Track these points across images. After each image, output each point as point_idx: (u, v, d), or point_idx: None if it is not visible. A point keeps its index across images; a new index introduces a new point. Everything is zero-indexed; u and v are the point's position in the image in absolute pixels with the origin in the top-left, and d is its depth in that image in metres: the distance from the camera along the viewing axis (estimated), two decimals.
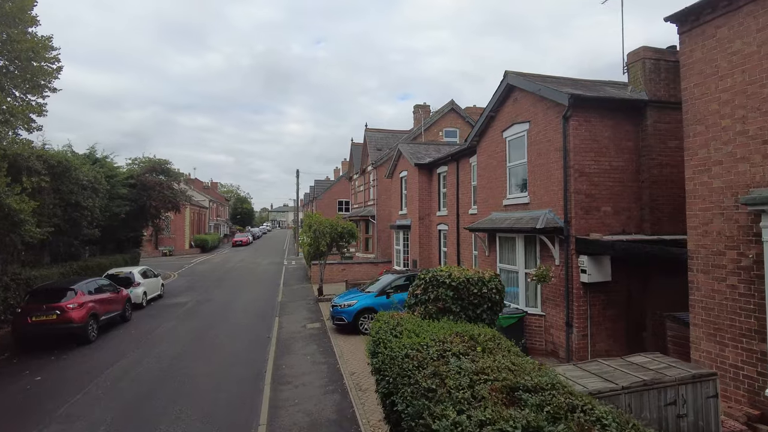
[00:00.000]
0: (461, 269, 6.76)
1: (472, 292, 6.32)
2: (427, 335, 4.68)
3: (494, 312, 6.52)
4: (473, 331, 4.81)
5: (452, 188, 17.73)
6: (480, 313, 6.28)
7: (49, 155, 17.25)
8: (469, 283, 6.33)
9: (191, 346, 12.94)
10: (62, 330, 12.62)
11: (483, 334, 4.67)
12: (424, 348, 4.34)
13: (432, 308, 6.21)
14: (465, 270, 6.74)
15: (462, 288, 6.28)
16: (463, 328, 4.94)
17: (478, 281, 6.39)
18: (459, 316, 6.15)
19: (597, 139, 10.37)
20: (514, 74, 12.30)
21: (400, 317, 5.78)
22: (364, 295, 14.21)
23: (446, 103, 28.45)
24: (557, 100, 10.41)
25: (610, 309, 10.34)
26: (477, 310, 6.31)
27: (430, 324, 5.35)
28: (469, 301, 6.29)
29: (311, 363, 11.36)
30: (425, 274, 6.81)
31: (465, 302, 6.26)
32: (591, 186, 10.27)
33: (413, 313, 6.34)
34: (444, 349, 4.23)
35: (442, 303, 6.18)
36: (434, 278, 6.49)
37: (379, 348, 4.97)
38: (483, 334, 4.70)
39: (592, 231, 10.23)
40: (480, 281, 6.40)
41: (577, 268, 10.13)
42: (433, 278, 6.50)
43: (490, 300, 6.39)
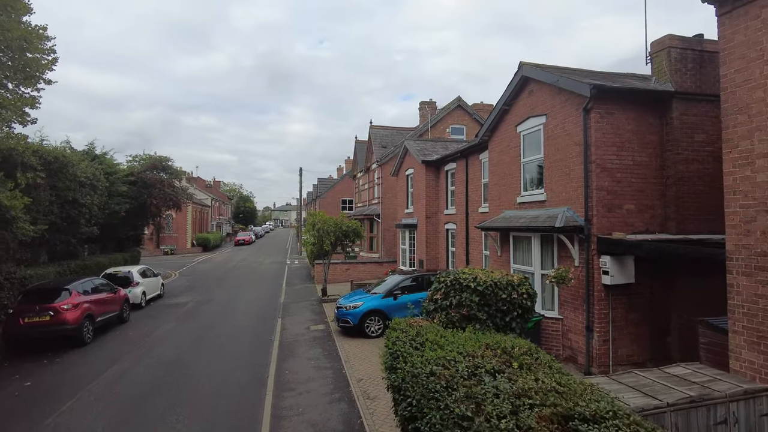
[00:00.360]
0: (486, 271, 6.16)
1: (501, 297, 5.71)
2: (453, 348, 4.11)
3: (525, 320, 5.92)
4: (505, 342, 4.23)
5: (461, 186, 17.14)
6: (509, 321, 5.68)
7: (46, 151, 16.72)
8: (497, 288, 5.72)
9: (190, 349, 12.40)
10: (56, 332, 12.10)
11: (517, 347, 4.10)
12: (451, 364, 3.77)
13: (455, 315, 5.61)
14: (490, 272, 6.14)
15: (489, 293, 5.67)
16: (493, 340, 4.37)
17: (507, 285, 5.78)
18: (485, 324, 5.55)
19: (619, 133, 9.77)
20: (530, 65, 11.71)
21: (419, 326, 5.19)
22: (370, 296, 13.65)
23: (453, 100, 27.83)
24: (577, 91, 9.82)
25: (633, 312, 9.75)
26: (506, 318, 5.70)
27: (454, 334, 4.78)
28: (497, 307, 5.69)
29: (316, 368, 10.81)
30: (445, 276, 6.19)
31: (492, 309, 5.65)
32: (613, 182, 9.67)
33: (433, 321, 5.74)
34: (475, 365, 3.67)
35: (467, 310, 5.58)
36: (456, 281, 5.88)
37: (397, 362, 4.38)
38: (517, 346, 4.13)
39: (614, 230, 9.63)
40: (509, 285, 5.80)
41: (599, 269, 9.54)
42: (455, 281, 5.89)
43: (520, 306, 5.78)
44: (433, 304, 6.02)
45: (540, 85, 11.46)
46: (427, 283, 13.99)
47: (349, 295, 14.91)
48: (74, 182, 17.74)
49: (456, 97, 27.70)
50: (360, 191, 35.45)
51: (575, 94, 10.03)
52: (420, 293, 13.62)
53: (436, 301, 5.98)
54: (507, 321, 5.69)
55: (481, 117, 27.85)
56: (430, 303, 6.10)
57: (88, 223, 19.60)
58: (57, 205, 16.96)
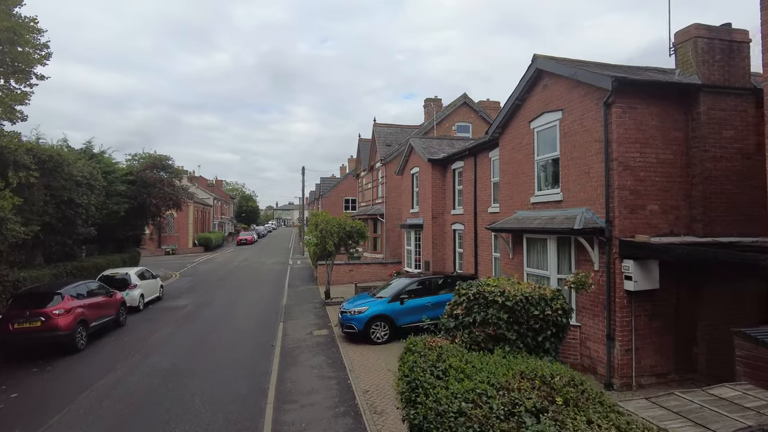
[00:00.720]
0: (512, 283, 5.54)
1: (533, 314, 5.09)
2: (483, 377, 3.54)
3: (559, 339, 5.30)
4: (542, 369, 3.65)
5: (469, 185, 16.54)
6: (542, 341, 5.07)
7: (40, 149, 16.20)
8: (529, 303, 5.10)
9: (188, 356, 11.85)
10: (47, 338, 11.56)
11: (558, 375, 3.52)
12: (483, 400, 3.20)
13: (479, 335, 5.00)
14: (519, 284, 5.52)
15: (519, 309, 5.05)
16: (528, 366, 3.78)
17: (539, 300, 5.15)
18: (515, 345, 4.94)
19: (642, 129, 9.17)
20: (545, 57, 11.11)
21: (439, 347, 4.60)
22: (375, 300, 13.07)
23: (458, 97, 27.21)
24: (598, 85, 9.21)
25: (657, 320, 9.15)
26: (538, 338, 5.08)
27: (481, 358, 4.19)
28: (529, 325, 5.07)
29: (319, 377, 10.24)
30: (467, 289, 5.57)
31: (523, 327, 5.04)
32: (636, 181, 9.07)
33: (453, 340, 5.13)
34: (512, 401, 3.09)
35: (494, 328, 4.96)
36: (480, 295, 5.24)
37: (417, 395, 3.76)
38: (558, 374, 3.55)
39: (637, 232, 9.03)
40: (542, 300, 5.18)
41: (621, 273, 8.93)
42: (479, 295, 5.26)
43: (555, 324, 5.17)
44: (454, 320, 5.37)
45: (555, 78, 10.86)
46: (435, 286, 13.42)
47: (354, 299, 14.34)
48: (70, 181, 17.22)
49: (462, 94, 27.08)
50: (363, 190, 34.87)
51: (595, 87, 9.43)
52: (428, 297, 13.05)
53: (456, 317, 5.34)
54: (539, 341, 5.06)
55: (487, 114, 27.26)
56: (449, 319, 5.44)
57: (85, 223, 19.11)
58: (52, 205, 16.45)
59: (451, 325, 5.33)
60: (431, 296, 13.11)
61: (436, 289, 13.39)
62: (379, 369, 10.53)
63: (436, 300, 13.02)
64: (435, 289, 13.36)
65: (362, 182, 35.26)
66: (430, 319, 12.83)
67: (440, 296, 13.14)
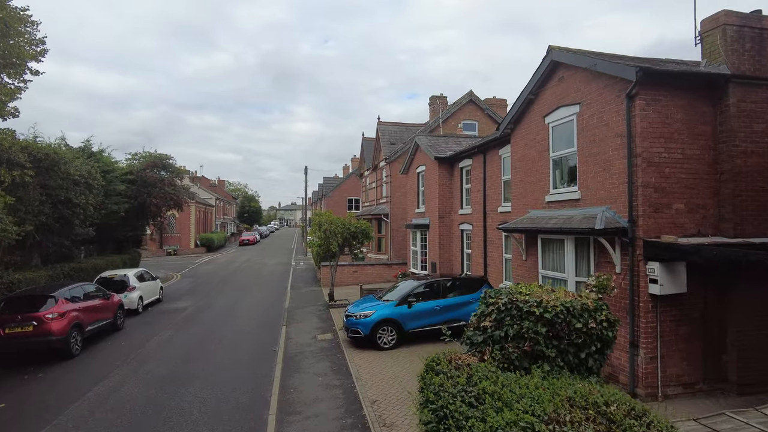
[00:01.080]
0: (547, 290, 4.98)
1: (575, 327, 4.50)
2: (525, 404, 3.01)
3: (604, 356, 4.71)
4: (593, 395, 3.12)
5: (478, 183, 16.00)
6: (585, 358, 4.49)
7: (36, 147, 15.75)
8: (570, 315, 4.52)
9: (187, 362, 11.35)
10: (40, 344, 11.07)
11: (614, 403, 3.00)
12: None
13: (513, 351, 4.43)
14: (554, 291, 4.95)
15: (560, 322, 4.47)
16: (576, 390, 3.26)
17: (582, 311, 4.59)
18: (555, 363, 4.38)
19: (667, 123, 8.61)
20: (560, 49, 10.56)
21: (467, 366, 4.06)
22: (382, 304, 12.53)
23: (464, 94, 26.66)
24: (620, 75, 8.66)
25: (684, 326, 8.58)
26: (581, 354, 4.50)
27: (519, 380, 3.65)
28: (570, 340, 4.49)
29: (324, 386, 9.71)
30: (495, 296, 4.97)
31: (564, 343, 4.45)
32: (661, 178, 8.51)
33: (482, 358, 4.54)
34: None
35: (530, 343, 4.39)
36: (513, 305, 4.64)
37: (447, 427, 3.19)
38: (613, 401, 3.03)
39: (662, 232, 8.47)
40: (585, 311, 4.61)
41: (645, 276, 8.38)
42: (511, 305, 4.65)
43: (599, 338, 4.59)
44: (481, 333, 4.76)
45: (572, 71, 10.31)
46: (444, 289, 12.87)
47: (359, 302, 13.81)
48: (67, 180, 16.76)
49: (468, 92, 26.54)
50: (367, 190, 34.34)
51: (616, 79, 8.89)
52: (437, 300, 12.51)
53: (484, 330, 4.73)
54: (582, 358, 4.47)
55: (494, 112, 26.72)
56: (476, 332, 4.83)
57: (83, 223, 18.66)
58: (48, 204, 15.99)
59: (479, 339, 4.72)
60: (440, 299, 12.57)
61: (445, 292, 12.85)
62: (387, 377, 10.00)
63: (446, 303, 12.49)
64: (444, 292, 12.82)
65: (366, 182, 34.73)
66: (439, 324, 12.44)
67: (449, 299, 12.62)
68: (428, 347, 11.93)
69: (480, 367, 4.02)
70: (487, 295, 5.16)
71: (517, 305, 4.58)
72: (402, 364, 10.78)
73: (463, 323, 12.60)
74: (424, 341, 12.29)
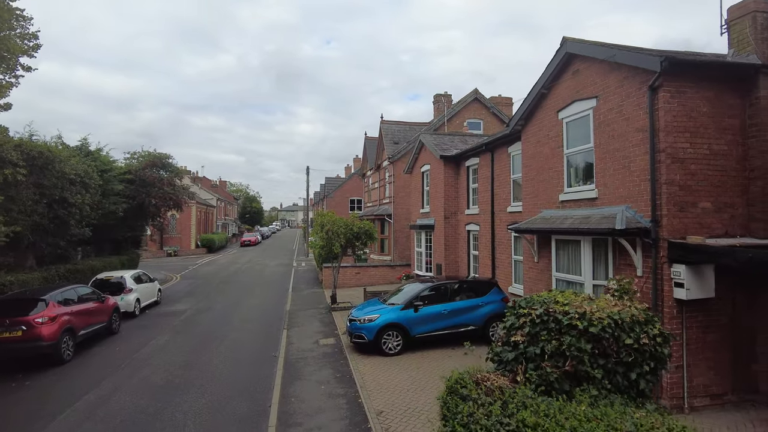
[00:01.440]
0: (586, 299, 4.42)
1: (624, 343, 3.96)
2: None
3: (656, 376, 4.17)
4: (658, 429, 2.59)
5: (485, 183, 15.47)
6: (636, 379, 3.92)
7: (30, 145, 15.26)
8: (619, 329, 3.97)
9: (183, 369, 10.84)
10: (29, 349, 10.56)
11: None
12: None
13: (552, 372, 3.86)
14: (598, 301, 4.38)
15: (607, 337, 3.92)
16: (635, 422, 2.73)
17: (632, 324, 4.02)
18: (601, 384, 3.82)
19: (693, 116, 8.08)
20: (575, 41, 10.05)
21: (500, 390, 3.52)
22: (387, 307, 12.00)
23: (469, 93, 26.15)
24: (642, 66, 8.14)
25: (711, 333, 8.04)
26: (631, 375, 3.92)
27: (563, 408, 3.12)
28: (619, 359, 3.93)
29: (326, 395, 9.19)
30: (527, 306, 4.37)
31: (611, 361, 3.89)
32: (686, 175, 7.98)
33: (515, 378, 3.97)
34: None
35: (572, 362, 3.85)
36: (550, 317, 4.03)
37: None
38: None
39: (688, 233, 7.94)
40: (635, 324, 4.06)
41: (670, 280, 7.85)
42: (547, 316, 4.05)
43: (652, 356, 4.04)
44: (512, 349, 4.16)
45: (588, 63, 9.79)
46: (451, 292, 12.34)
47: (363, 305, 13.28)
48: (62, 180, 16.26)
49: (473, 90, 26.01)
50: (370, 190, 33.82)
51: (637, 70, 8.37)
52: (444, 304, 11.99)
53: (515, 346, 4.13)
54: (633, 379, 3.89)
55: (499, 110, 26.21)
56: (505, 348, 4.21)
57: (79, 224, 18.16)
58: (42, 204, 15.50)
59: (509, 356, 4.12)
60: (448, 303, 12.04)
61: (452, 295, 12.33)
62: (393, 385, 9.47)
63: (453, 307, 11.96)
64: (451, 295, 12.30)
65: (368, 182, 34.21)
66: (447, 329, 11.93)
67: (457, 303, 12.09)
68: (435, 353, 11.41)
69: (516, 392, 3.47)
70: (517, 305, 4.57)
71: (555, 317, 3.99)
72: (409, 371, 10.26)
73: (472, 328, 12.13)
74: (431, 347, 11.77)
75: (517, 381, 3.87)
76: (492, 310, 12.13)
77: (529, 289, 11.70)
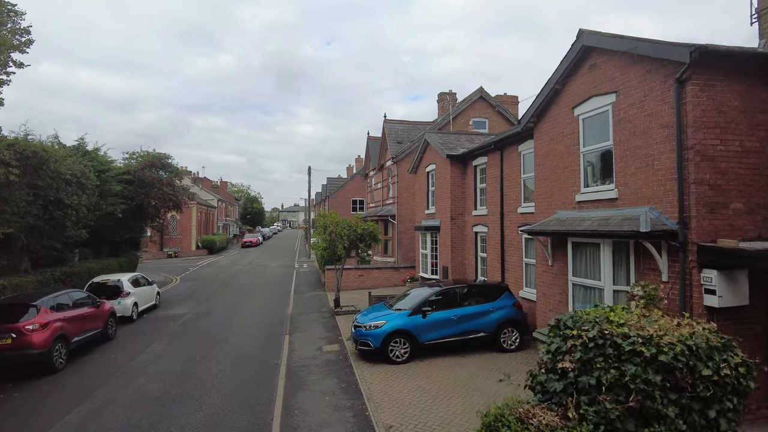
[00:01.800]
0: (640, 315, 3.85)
1: (701, 374, 3.37)
2: None
3: (738, 414, 3.60)
4: None
5: (494, 182, 14.96)
6: (716, 417, 3.33)
7: (24, 144, 14.77)
8: (694, 356, 3.40)
9: (180, 378, 10.35)
10: (19, 358, 10.10)
11: None
12: None
13: (613, 409, 3.29)
14: (660, 320, 3.80)
15: (681, 367, 3.33)
16: None
17: (708, 351, 3.44)
18: (674, 424, 3.25)
19: (723, 111, 7.56)
20: (593, 33, 9.54)
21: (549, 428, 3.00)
22: (393, 313, 11.49)
23: (474, 91, 25.63)
24: (669, 58, 7.63)
25: (744, 344, 7.38)
26: (709, 412, 3.28)
27: None
28: (695, 393, 3.33)
29: (332, 407, 8.68)
30: (576, 325, 3.74)
31: (685, 396, 3.31)
32: (717, 174, 7.47)
33: (566, 415, 3.39)
34: None
35: (637, 398, 3.27)
36: (606, 339, 3.37)
37: None
38: None
39: (719, 235, 7.42)
40: (711, 350, 3.48)
41: (699, 286, 7.33)
42: (603, 339, 3.38)
43: (735, 390, 3.48)
44: (559, 378, 3.56)
45: (606, 56, 9.28)
46: (460, 297, 11.82)
47: (368, 310, 12.78)
48: (58, 180, 15.80)
49: (478, 88, 25.51)
50: (372, 191, 33.32)
51: (662, 62, 7.86)
52: (453, 310, 11.48)
53: (563, 374, 3.51)
54: (712, 418, 3.29)
55: (505, 109, 25.71)
56: (550, 376, 3.57)
57: (76, 225, 17.69)
58: (37, 205, 15.03)
59: (557, 386, 3.51)
60: (457, 308, 11.53)
61: (462, 300, 11.80)
62: (403, 396, 8.95)
63: (464, 313, 11.46)
64: (460, 300, 11.78)
65: (371, 182, 33.71)
66: (456, 335, 11.42)
67: (467, 308, 11.58)
68: (445, 361, 10.91)
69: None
70: (561, 324, 3.96)
71: (613, 341, 3.41)
72: (418, 381, 9.75)
73: (483, 334, 11.62)
74: (440, 354, 11.26)
75: (569, 417, 3.30)
76: (503, 316, 11.62)
77: (542, 294, 11.20)
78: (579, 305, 9.88)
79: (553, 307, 10.83)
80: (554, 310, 10.82)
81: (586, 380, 3.35)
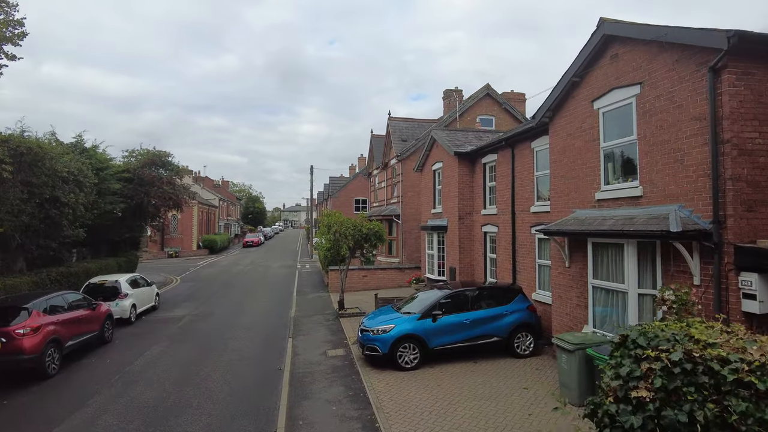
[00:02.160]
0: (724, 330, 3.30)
1: None
2: None
3: None
4: None
5: (505, 180, 14.42)
6: None
7: (18, 141, 14.27)
8: None
9: (179, 384, 9.84)
10: (8, 363, 9.59)
11: None
12: None
13: None
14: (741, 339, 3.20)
15: None
16: None
17: None
18: None
19: (762, 102, 7.03)
20: (615, 22, 9.01)
21: None
22: (402, 317, 10.97)
23: (481, 88, 25.10)
24: (704, 44, 7.09)
25: None
26: None
27: None
28: None
29: (339, 418, 8.16)
30: (649, 344, 3.12)
31: None
32: (755, 170, 6.93)
33: None
34: None
35: None
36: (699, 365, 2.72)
37: None
38: None
39: (758, 236, 6.89)
40: None
41: (737, 290, 6.80)
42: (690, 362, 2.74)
43: None
44: (633, 410, 2.84)
45: (629, 46, 8.75)
46: (471, 300, 11.29)
47: (375, 313, 12.24)
48: (54, 177, 15.31)
49: (484, 85, 24.96)
50: (376, 190, 32.79)
51: (694, 50, 7.33)
52: (465, 314, 10.95)
53: (639, 405, 2.81)
54: None
55: (512, 106, 25.17)
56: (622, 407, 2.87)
57: (73, 224, 17.22)
58: (32, 203, 14.54)
59: (634, 421, 2.76)
60: (468, 312, 11.00)
61: (472, 304, 11.26)
62: (414, 406, 8.42)
63: (475, 317, 10.92)
64: (471, 304, 11.23)
65: (375, 181, 33.19)
66: (468, 340, 10.89)
67: (479, 312, 11.05)
68: (456, 367, 10.38)
69: None
70: (630, 342, 3.32)
71: (707, 365, 2.79)
72: (429, 389, 9.21)
73: (496, 339, 11.09)
74: (451, 360, 10.73)
75: None
76: (517, 320, 11.09)
77: (558, 297, 10.67)
78: (599, 309, 9.38)
79: (570, 311, 10.31)
80: (571, 314, 10.30)
81: (674, 415, 2.74)
